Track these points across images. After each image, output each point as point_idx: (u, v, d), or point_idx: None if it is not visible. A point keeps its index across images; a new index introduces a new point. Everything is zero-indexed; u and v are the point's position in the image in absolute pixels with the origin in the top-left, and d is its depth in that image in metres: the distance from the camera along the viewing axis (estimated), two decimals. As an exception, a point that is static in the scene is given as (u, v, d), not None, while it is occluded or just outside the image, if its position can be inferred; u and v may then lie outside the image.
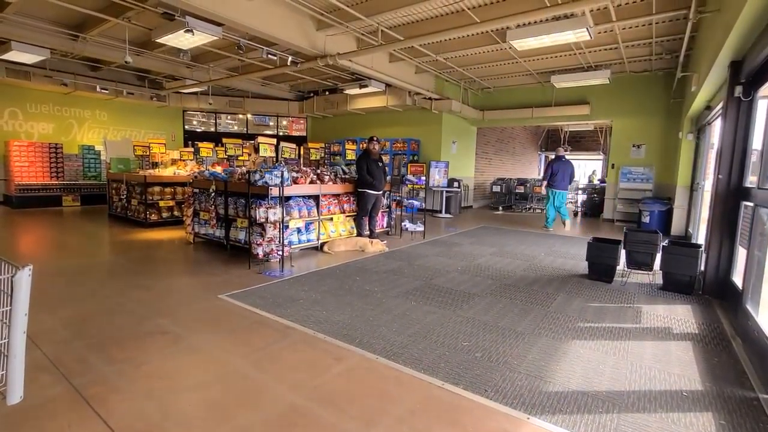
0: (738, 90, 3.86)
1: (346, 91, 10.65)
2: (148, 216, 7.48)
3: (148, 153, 9.19)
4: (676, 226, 7.93)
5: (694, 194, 7.38)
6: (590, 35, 5.65)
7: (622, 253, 4.78)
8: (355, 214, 6.43)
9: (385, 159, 10.94)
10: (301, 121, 14.52)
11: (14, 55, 7.58)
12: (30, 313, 1.36)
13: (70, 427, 1.86)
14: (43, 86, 9.95)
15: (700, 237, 6.21)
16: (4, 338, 1.22)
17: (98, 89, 10.25)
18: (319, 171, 6.25)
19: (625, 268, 4.82)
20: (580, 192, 13.32)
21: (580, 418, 2.04)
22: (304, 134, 14.53)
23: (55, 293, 3.73)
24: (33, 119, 10.63)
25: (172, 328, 3.00)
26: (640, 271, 4.78)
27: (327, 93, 12.57)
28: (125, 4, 6.01)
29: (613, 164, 10.22)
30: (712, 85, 5.06)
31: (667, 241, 4.54)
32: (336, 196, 6.20)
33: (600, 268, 4.68)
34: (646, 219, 8.34)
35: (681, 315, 3.64)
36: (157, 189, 7.64)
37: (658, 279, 4.56)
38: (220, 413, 2.00)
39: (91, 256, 5.41)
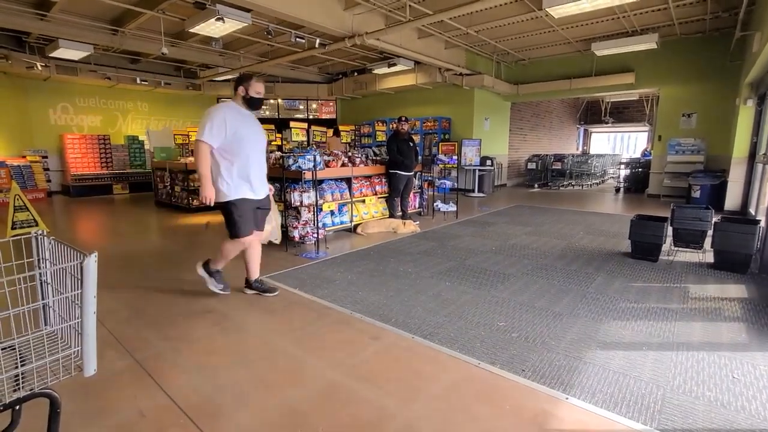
0: (808, 49, 3.48)
1: (375, 71, 10.52)
2: (190, 202, 7.86)
3: (187, 141, 9.57)
4: (731, 201, 7.40)
5: (756, 167, 6.82)
6: (636, -4, 5.24)
7: (669, 230, 4.54)
8: (387, 195, 6.45)
9: (416, 139, 10.82)
10: (331, 104, 14.53)
11: (62, 53, 8.03)
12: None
13: (137, 397, 2.05)
14: (89, 81, 10.50)
15: (761, 213, 5.77)
16: (77, 318, 1.35)
17: (138, 81, 10.71)
18: (350, 153, 6.29)
19: (672, 247, 4.58)
20: (623, 166, 12.64)
21: (622, 399, 2.01)
22: (334, 117, 14.56)
23: (114, 275, 4.04)
24: (82, 113, 11.29)
25: (219, 308, 3.19)
26: (688, 250, 4.53)
27: (355, 74, 12.48)
28: (159, -5, 6.18)
29: (660, 136, 9.58)
30: (777, 44, 4.59)
31: (719, 218, 4.25)
32: (368, 177, 6.23)
33: (644, 247, 4.47)
34: (696, 194, 7.84)
35: (734, 295, 3.44)
36: (197, 176, 7.97)
37: (709, 258, 4.31)
38: (265, 388, 2.13)
39: (143, 240, 5.78)
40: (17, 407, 1.30)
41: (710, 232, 4.21)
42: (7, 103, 9.83)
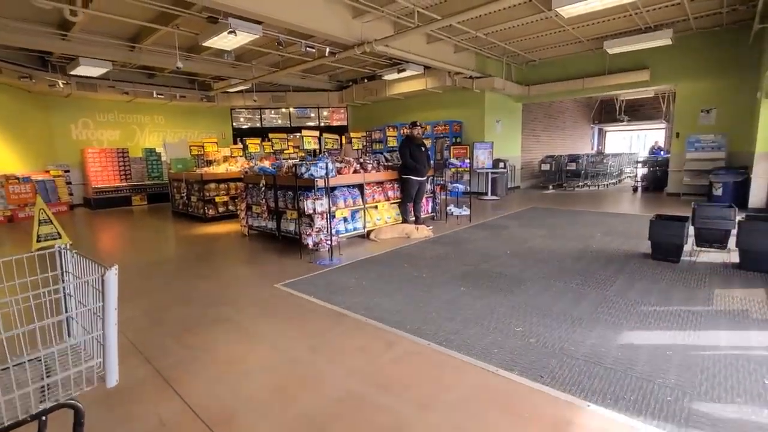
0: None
1: (385, 77, 10.58)
2: (206, 211, 8.00)
3: (202, 152, 9.75)
4: (756, 199, 7.16)
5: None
6: (648, -7, 5.15)
7: (690, 230, 4.41)
8: (399, 200, 6.45)
9: (427, 143, 10.81)
10: (342, 111, 14.65)
11: (82, 70, 8.32)
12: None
13: (157, 406, 2.08)
14: (108, 96, 10.84)
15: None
16: (100, 330, 1.39)
17: (155, 95, 11.00)
18: (361, 160, 6.32)
19: (694, 247, 4.45)
20: (640, 165, 12.38)
21: (646, 406, 1.95)
22: (345, 124, 14.67)
23: (133, 285, 4.13)
24: (102, 127, 11.65)
25: (235, 316, 3.22)
26: (711, 250, 4.40)
27: (365, 81, 12.57)
28: (173, 12, 6.35)
29: (677, 133, 9.36)
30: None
31: (744, 216, 4.12)
32: (380, 183, 6.24)
33: (665, 248, 4.35)
34: (717, 191, 7.61)
35: (762, 296, 3.32)
36: (212, 186, 8.12)
37: (734, 258, 4.17)
38: (283, 396, 2.14)
39: (161, 250, 5.89)
40: (43, 418, 1.34)
41: (734, 231, 4.08)
42: (31, 120, 10.20)
